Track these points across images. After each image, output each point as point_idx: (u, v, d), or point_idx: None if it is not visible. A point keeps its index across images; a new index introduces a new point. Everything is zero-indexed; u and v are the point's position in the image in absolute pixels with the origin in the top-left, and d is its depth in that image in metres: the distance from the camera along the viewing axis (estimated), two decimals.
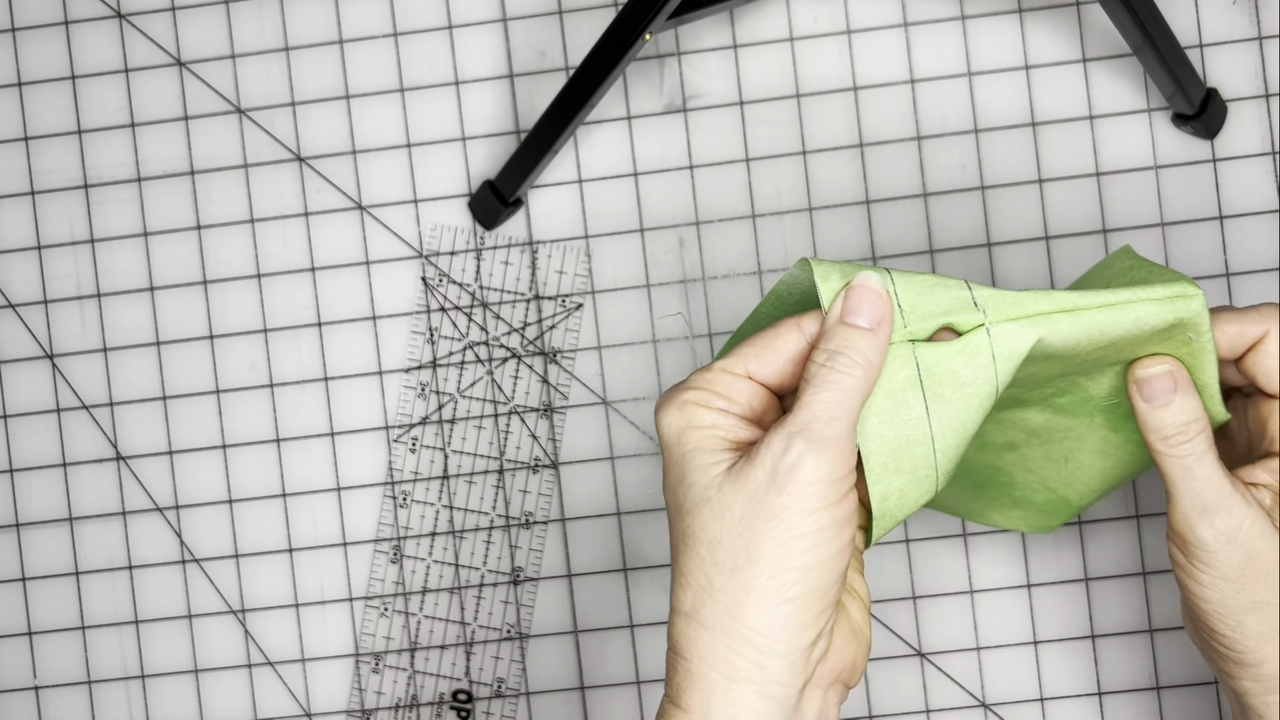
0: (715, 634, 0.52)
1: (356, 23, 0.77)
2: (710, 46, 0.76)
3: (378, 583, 0.76)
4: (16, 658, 0.77)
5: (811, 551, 0.52)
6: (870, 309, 0.53)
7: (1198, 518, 0.57)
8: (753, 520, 0.52)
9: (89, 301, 0.77)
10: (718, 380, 0.54)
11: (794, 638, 0.52)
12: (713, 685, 0.52)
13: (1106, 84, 0.75)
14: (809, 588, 0.52)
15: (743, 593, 0.52)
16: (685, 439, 0.53)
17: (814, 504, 0.51)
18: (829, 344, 0.53)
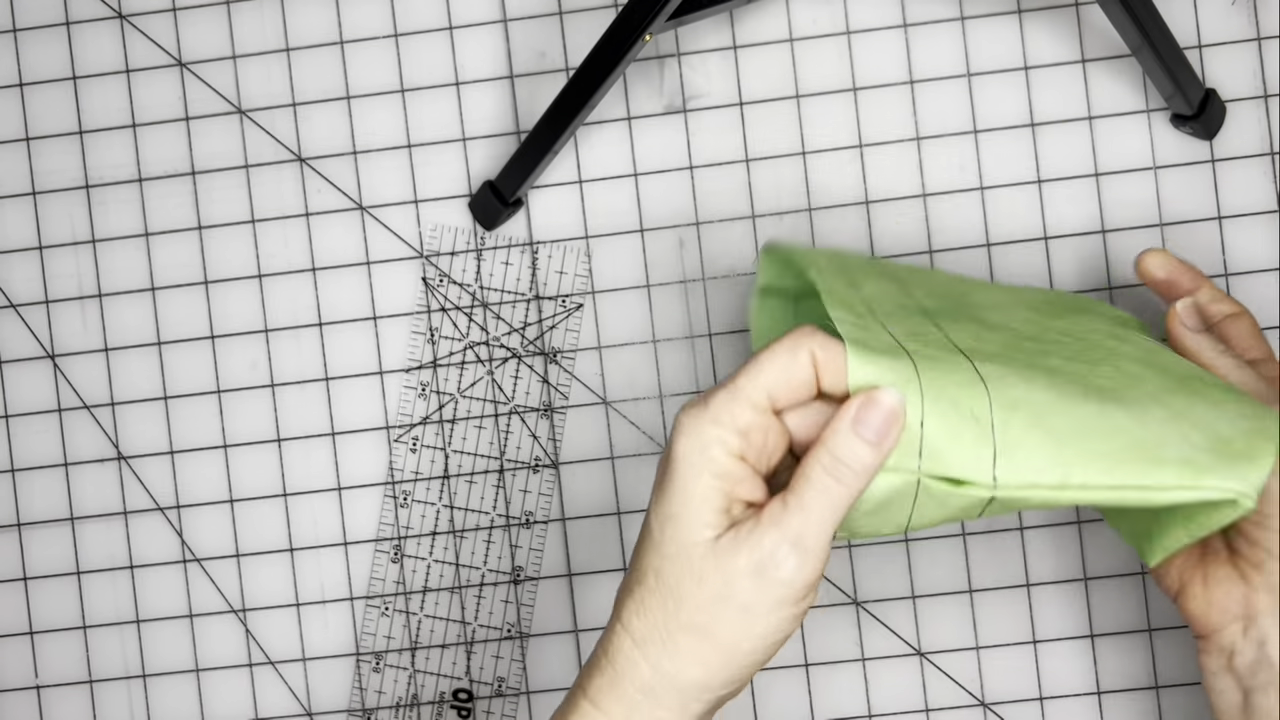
0: (654, 671, 0.56)
1: (357, 23, 0.77)
2: (710, 47, 0.76)
3: (378, 582, 0.76)
4: (17, 657, 0.77)
5: (763, 639, 0.55)
6: (880, 425, 0.54)
7: None
8: (722, 604, 0.55)
9: (90, 301, 0.77)
10: (741, 414, 0.55)
11: (719, 691, 0.57)
12: (636, 705, 0.57)
13: (1106, 84, 0.75)
14: (748, 664, 0.56)
15: (691, 655, 0.55)
16: (696, 483, 0.55)
17: (783, 603, 0.55)
18: (835, 449, 0.54)
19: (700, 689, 0.56)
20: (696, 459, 0.55)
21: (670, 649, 0.56)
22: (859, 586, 0.75)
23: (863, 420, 0.54)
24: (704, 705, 0.57)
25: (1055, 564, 0.74)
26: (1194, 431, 0.54)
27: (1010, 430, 0.54)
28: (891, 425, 0.54)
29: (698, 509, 0.55)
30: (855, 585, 0.75)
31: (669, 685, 0.56)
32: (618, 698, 0.57)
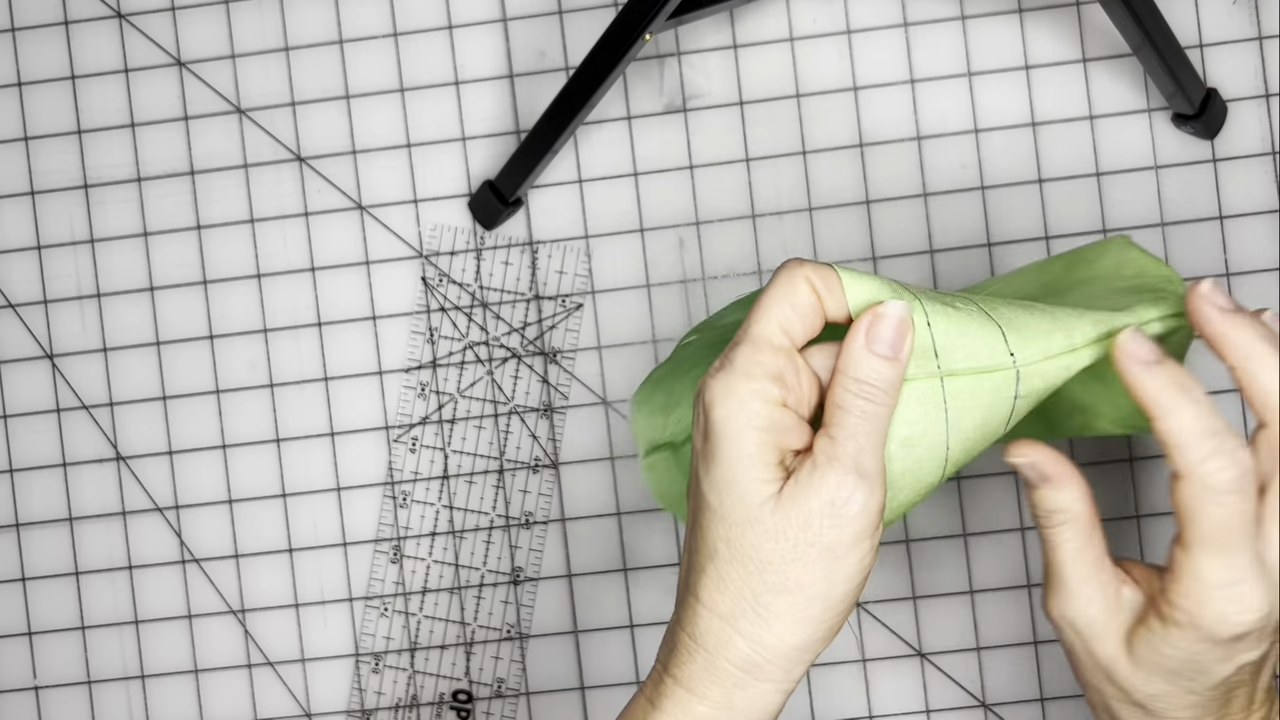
0: (750, 643, 0.55)
1: (356, 23, 0.77)
2: (710, 46, 0.76)
3: (378, 583, 0.76)
4: (16, 658, 0.77)
5: (852, 579, 0.54)
6: (893, 336, 0.54)
7: (1045, 588, 0.58)
8: (806, 550, 0.54)
9: (89, 301, 0.77)
10: (769, 361, 0.54)
11: (819, 648, 0.55)
12: (738, 682, 0.55)
13: (1106, 84, 0.75)
14: (844, 609, 0.55)
15: (787, 614, 0.54)
16: (743, 441, 0.54)
17: (861, 535, 0.54)
18: (858, 372, 0.54)
19: (802, 650, 0.55)
20: (739, 418, 0.54)
21: (766, 617, 0.54)
22: None
23: (875, 336, 0.54)
24: (804, 667, 0.55)
25: None
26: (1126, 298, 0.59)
27: (1006, 312, 0.55)
28: (903, 334, 0.54)
29: (752, 468, 0.54)
30: None
31: (771, 655, 0.55)
32: (715, 679, 0.55)
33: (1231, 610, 0.54)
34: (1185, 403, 0.54)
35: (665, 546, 0.75)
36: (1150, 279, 0.61)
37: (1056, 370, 0.56)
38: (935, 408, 0.55)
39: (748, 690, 0.55)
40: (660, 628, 0.75)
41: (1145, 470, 0.75)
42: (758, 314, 0.54)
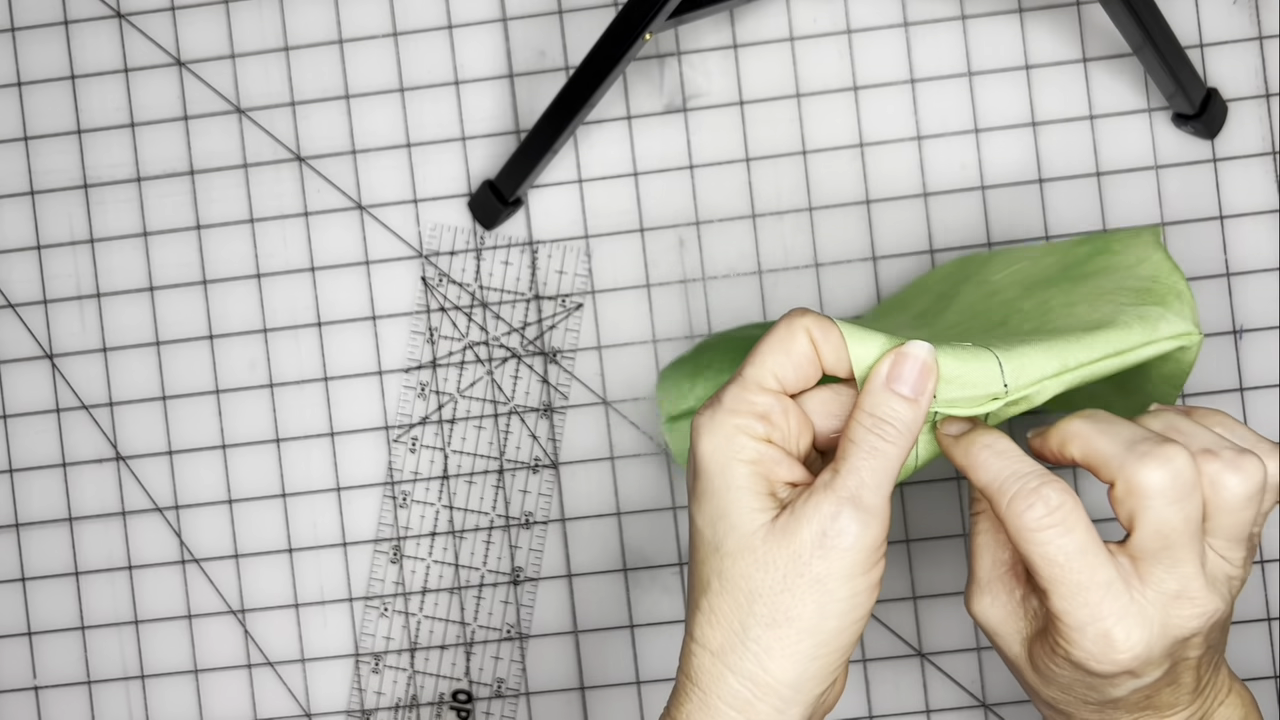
0: (741, 680, 0.54)
1: (356, 23, 0.77)
2: (710, 46, 0.76)
3: (378, 583, 0.76)
4: (16, 658, 0.77)
5: (846, 615, 0.54)
6: (916, 379, 0.54)
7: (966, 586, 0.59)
8: (796, 580, 0.53)
9: (89, 301, 0.77)
10: (756, 401, 0.54)
11: (815, 689, 0.54)
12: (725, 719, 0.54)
13: (1106, 84, 0.75)
14: (838, 646, 0.54)
15: (776, 648, 0.53)
16: (731, 473, 0.54)
17: (855, 570, 0.53)
18: (874, 409, 0.54)
19: (795, 689, 0.54)
20: (724, 451, 0.54)
21: (754, 650, 0.54)
22: None
23: (896, 375, 0.54)
24: (802, 708, 0.54)
25: None
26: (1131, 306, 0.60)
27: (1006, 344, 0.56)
28: (926, 377, 0.54)
29: (743, 498, 0.54)
30: None
31: (762, 692, 0.54)
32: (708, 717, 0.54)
33: (1098, 650, 0.53)
34: (988, 457, 0.54)
35: (665, 547, 0.75)
36: (1161, 288, 0.61)
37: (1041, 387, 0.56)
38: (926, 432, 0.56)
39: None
40: (660, 628, 0.75)
41: None
42: (753, 358, 0.55)
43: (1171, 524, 0.53)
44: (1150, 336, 0.58)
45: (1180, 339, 0.59)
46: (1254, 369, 0.74)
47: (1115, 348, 0.57)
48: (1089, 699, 0.56)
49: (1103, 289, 0.62)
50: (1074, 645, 0.53)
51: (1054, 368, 0.56)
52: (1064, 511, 0.53)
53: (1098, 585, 0.53)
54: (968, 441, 0.55)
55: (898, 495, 0.75)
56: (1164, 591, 0.53)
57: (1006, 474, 0.53)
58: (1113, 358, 0.57)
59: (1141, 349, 0.58)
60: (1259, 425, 0.74)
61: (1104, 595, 0.53)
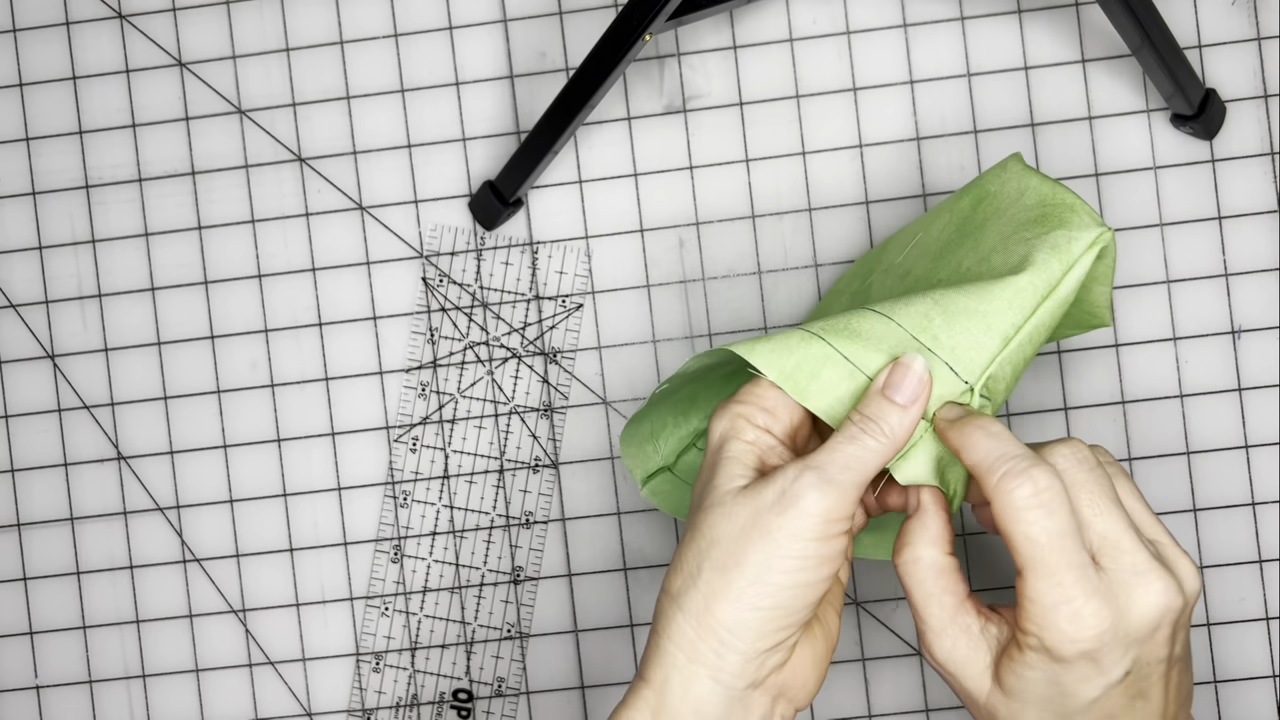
0: (689, 618, 0.57)
1: (357, 23, 0.77)
2: (710, 47, 0.76)
3: (378, 582, 0.76)
4: (17, 657, 0.77)
5: (791, 574, 0.56)
6: (908, 388, 0.57)
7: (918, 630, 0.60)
8: (750, 531, 0.56)
9: (90, 301, 0.77)
10: (766, 396, 0.59)
11: (754, 641, 0.57)
12: (675, 662, 0.57)
13: (1106, 84, 0.75)
14: (779, 604, 0.56)
15: (722, 589, 0.56)
16: (726, 448, 0.59)
17: (805, 533, 0.56)
18: (866, 409, 0.57)
19: (732, 632, 0.56)
20: (726, 431, 0.59)
21: (703, 590, 0.56)
22: (859, 586, 0.75)
23: (892, 384, 0.57)
24: (740, 657, 0.56)
25: None
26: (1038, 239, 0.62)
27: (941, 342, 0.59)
28: (921, 388, 0.57)
29: (730, 466, 0.58)
30: (855, 585, 0.75)
31: (704, 632, 0.56)
32: (659, 660, 0.57)
33: (1070, 629, 0.55)
34: (981, 437, 0.56)
35: (665, 546, 0.76)
36: (1052, 207, 0.63)
37: (998, 368, 0.59)
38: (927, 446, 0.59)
39: (682, 672, 0.57)
40: None
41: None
42: None
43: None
44: (1069, 261, 0.60)
45: (1094, 247, 0.61)
46: (1253, 369, 0.74)
47: (1042, 291, 0.60)
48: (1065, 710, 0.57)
49: (1004, 232, 0.64)
50: (1046, 627, 0.55)
51: (997, 343, 0.59)
52: (1051, 494, 0.55)
53: (1073, 566, 0.55)
54: (962, 424, 0.57)
55: None
56: (1122, 569, 0.56)
57: (998, 454, 0.56)
58: (1045, 302, 0.59)
59: (1066, 279, 0.60)
60: (1258, 425, 0.74)
61: (1078, 576, 0.55)
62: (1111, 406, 0.75)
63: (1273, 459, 0.74)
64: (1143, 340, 0.75)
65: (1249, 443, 0.74)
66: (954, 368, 0.58)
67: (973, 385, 0.58)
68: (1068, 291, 0.60)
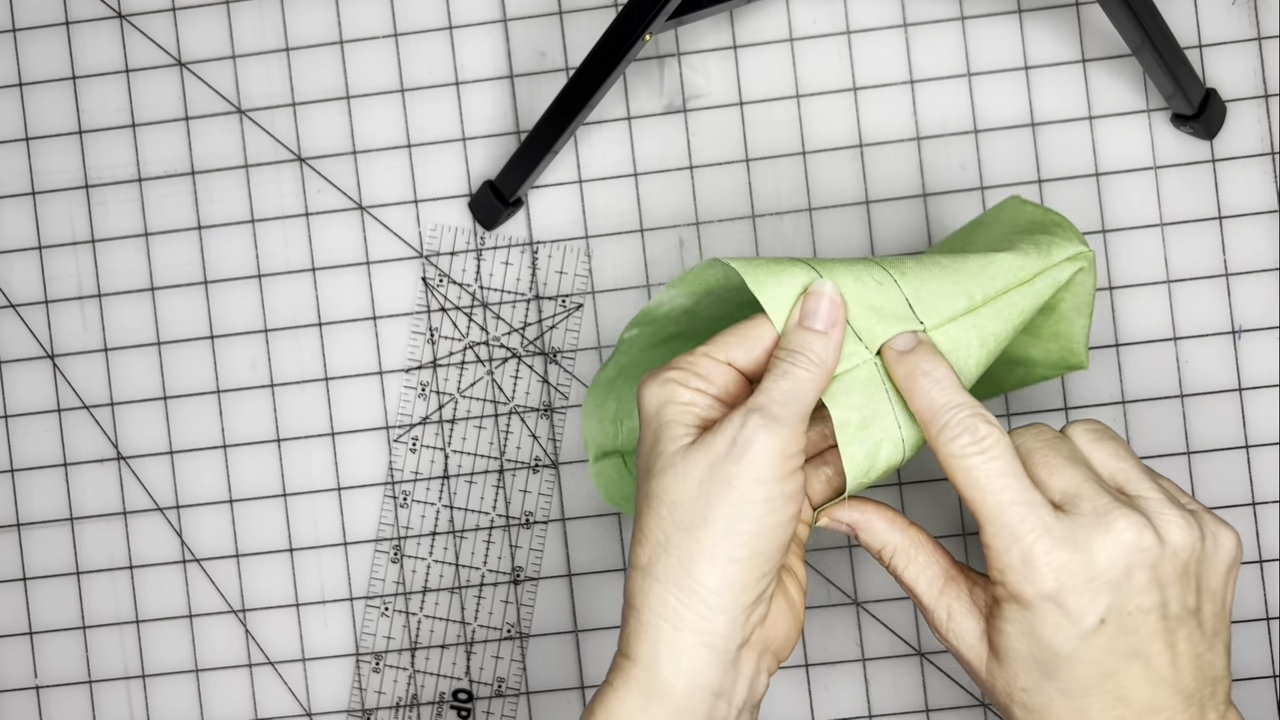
0: (667, 587, 0.56)
1: (357, 23, 0.77)
2: (710, 46, 0.76)
3: (378, 582, 0.76)
4: (17, 657, 0.77)
5: (760, 518, 0.56)
6: (824, 314, 0.58)
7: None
8: (710, 485, 0.56)
9: (90, 301, 0.77)
10: (698, 363, 0.59)
11: (738, 596, 0.56)
12: (660, 634, 0.56)
13: (1106, 84, 0.75)
14: (755, 551, 0.56)
15: (696, 550, 0.56)
16: (663, 412, 0.58)
17: (765, 474, 0.56)
18: (788, 344, 0.58)
19: (716, 592, 0.56)
20: (660, 397, 0.58)
21: (677, 557, 0.56)
22: (859, 586, 0.75)
23: (808, 313, 0.58)
24: (728, 617, 0.56)
25: None
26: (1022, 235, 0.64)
27: (909, 280, 0.60)
28: (835, 311, 0.58)
29: (671, 429, 0.58)
30: (855, 585, 0.75)
31: (687, 598, 0.56)
32: (643, 637, 0.57)
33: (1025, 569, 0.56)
34: (927, 384, 0.57)
35: None
36: (1041, 224, 0.64)
37: (961, 332, 0.60)
38: (877, 388, 0.59)
39: (670, 643, 0.56)
40: None
41: None
42: (710, 342, 0.59)
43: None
44: (1046, 262, 0.61)
45: (1076, 260, 0.62)
46: (1253, 369, 0.74)
47: (1015, 276, 0.60)
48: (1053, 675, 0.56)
49: (993, 237, 0.65)
50: (1006, 570, 0.56)
51: (961, 303, 0.59)
52: (990, 441, 0.56)
53: (1018, 504, 0.56)
54: (909, 365, 0.58)
55: (895, 495, 0.75)
56: (1083, 513, 0.56)
57: (940, 403, 0.57)
58: (1016, 290, 0.60)
59: (1041, 277, 0.61)
60: (1258, 425, 0.74)
61: (1025, 514, 0.56)
62: (1112, 406, 0.75)
63: (1273, 459, 0.74)
64: (1143, 340, 0.75)
65: (1249, 443, 0.74)
66: (913, 305, 0.59)
67: (926, 328, 0.59)
68: (1043, 288, 0.61)
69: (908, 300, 0.59)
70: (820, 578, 0.75)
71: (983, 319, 0.60)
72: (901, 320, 0.59)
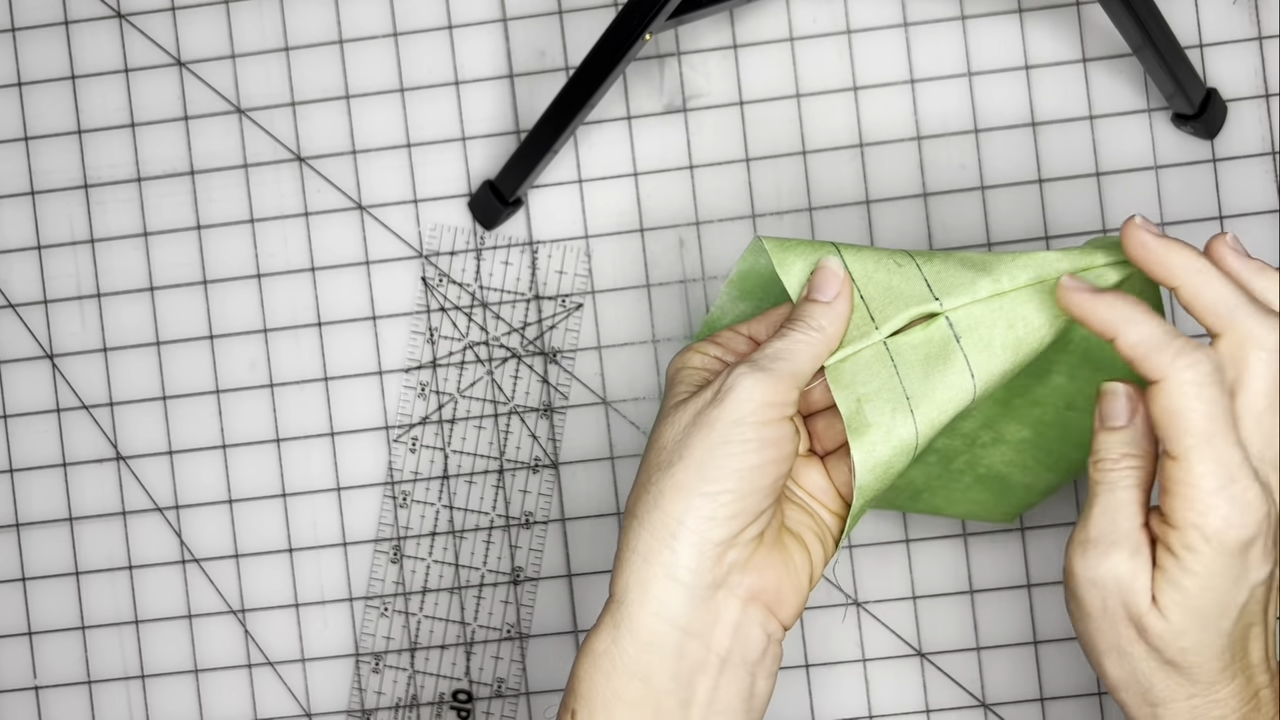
0: (642, 522, 0.57)
1: (356, 23, 0.77)
2: (710, 46, 0.76)
3: (378, 583, 0.76)
4: (16, 658, 0.77)
5: (735, 456, 0.56)
6: (829, 286, 0.59)
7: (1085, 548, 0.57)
8: (691, 429, 0.57)
9: (89, 301, 0.77)
10: (722, 335, 0.61)
11: (704, 529, 0.56)
12: (632, 568, 0.57)
13: (1106, 84, 0.75)
14: (725, 487, 0.56)
15: (668, 484, 0.57)
16: (676, 376, 0.60)
17: (744, 417, 0.56)
18: (794, 314, 0.59)
19: (678, 520, 0.56)
20: (674, 365, 0.61)
21: (653, 493, 0.57)
22: (859, 586, 0.75)
23: (815, 286, 0.59)
24: (693, 549, 0.56)
25: (1055, 564, 0.74)
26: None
27: (932, 264, 0.59)
28: (840, 285, 0.59)
29: (674, 388, 0.60)
30: (855, 585, 0.75)
31: (656, 529, 0.56)
32: (621, 574, 0.57)
33: (1234, 513, 0.54)
34: (1142, 315, 0.56)
35: None
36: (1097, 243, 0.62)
37: (987, 312, 0.58)
38: (884, 366, 0.58)
39: (639, 574, 0.56)
40: None
41: None
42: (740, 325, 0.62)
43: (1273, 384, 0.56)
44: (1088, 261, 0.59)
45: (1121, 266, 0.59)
46: None
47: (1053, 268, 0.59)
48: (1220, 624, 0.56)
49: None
50: (1208, 512, 0.54)
51: (987, 289, 0.58)
52: (1221, 374, 0.55)
53: (1237, 446, 0.55)
54: (1109, 299, 0.56)
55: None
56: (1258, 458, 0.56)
57: (1164, 331, 0.55)
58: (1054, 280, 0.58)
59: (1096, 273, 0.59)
60: None
61: (1242, 459, 0.55)
62: None
63: None
64: None
65: None
66: (931, 284, 0.59)
67: (942, 304, 0.58)
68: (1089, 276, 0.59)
69: (926, 280, 0.59)
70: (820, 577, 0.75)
71: (1012, 301, 0.59)
72: (918, 300, 0.59)
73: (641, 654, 0.56)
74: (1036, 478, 0.68)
